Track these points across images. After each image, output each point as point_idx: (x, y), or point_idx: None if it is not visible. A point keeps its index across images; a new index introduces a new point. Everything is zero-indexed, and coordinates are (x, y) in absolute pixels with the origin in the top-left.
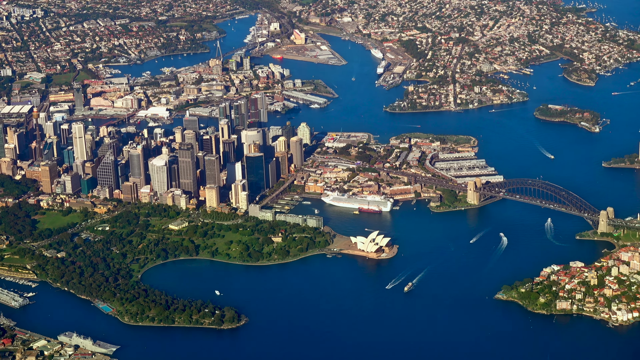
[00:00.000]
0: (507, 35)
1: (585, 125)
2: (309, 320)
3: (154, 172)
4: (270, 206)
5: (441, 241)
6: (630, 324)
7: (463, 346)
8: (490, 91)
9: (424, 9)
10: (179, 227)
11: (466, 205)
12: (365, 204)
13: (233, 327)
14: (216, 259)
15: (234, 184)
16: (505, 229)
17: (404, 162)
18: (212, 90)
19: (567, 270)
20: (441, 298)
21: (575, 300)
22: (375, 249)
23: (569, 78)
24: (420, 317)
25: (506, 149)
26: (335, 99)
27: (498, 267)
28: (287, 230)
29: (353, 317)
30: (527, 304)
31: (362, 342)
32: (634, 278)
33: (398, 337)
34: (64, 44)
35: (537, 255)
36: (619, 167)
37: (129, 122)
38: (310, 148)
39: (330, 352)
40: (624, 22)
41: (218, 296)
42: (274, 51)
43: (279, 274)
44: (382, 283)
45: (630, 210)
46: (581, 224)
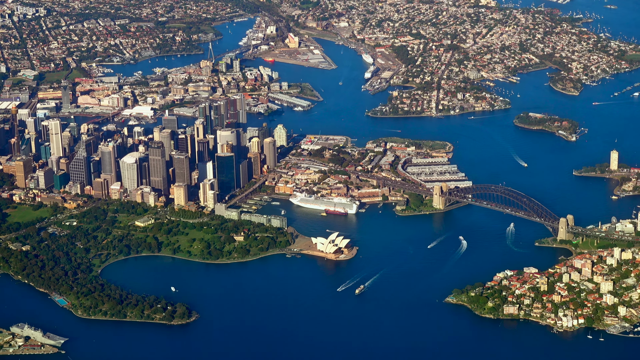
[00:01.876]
0: (499, 43)
1: (563, 134)
2: (257, 319)
3: (124, 169)
4: (238, 206)
5: (401, 244)
6: (574, 330)
7: (404, 349)
8: (473, 98)
9: (421, 15)
10: (144, 224)
11: (431, 210)
12: (331, 206)
13: (183, 323)
14: (177, 256)
15: (202, 183)
16: (467, 233)
17: (376, 165)
18: (198, 90)
19: (520, 275)
20: (391, 301)
21: (524, 305)
22: (334, 250)
23: (554, 87)
24: (367, 320)
25: (480, 156)
26: (320, 102)
27: (453, 271)
28: (250, 230)
29: (301, 318)
30: (475, 307)
31: (307, 342)
32: (584, 285)
33: (342, 338)
34: (61, 43)
35: (494, 260)
36: (589, 175)
37: (112, 120)
38: (286, 150)
39: (273, 352)
40: (618, 33)
41: (173, 292)
42: (266, 54)
43: (237, 272)
44: (336, 284)
45: (594, 218)
46: (543, 231)
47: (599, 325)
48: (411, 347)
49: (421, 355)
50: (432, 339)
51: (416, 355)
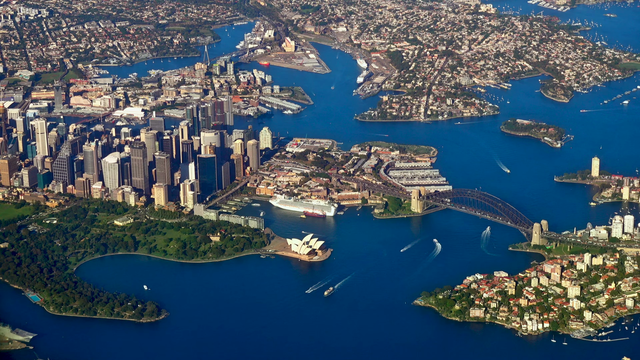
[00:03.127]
0: (493, 50)
1: (548, 140)
2: (225, 318)
3: (106, 169)
4: (218, 207)
5: (376, 247)
6: (539, 334)
7: (368, 350)
8: (462, 104)
9: (419, 21)
10: (123, 223)
11: (409, 213)
12: (310, 208)
13: (152, 321)
14: (153, 255)
15: (183, 184)
16: (443, 237)
17: (358, 169)
18: (190, 93)
19: (490, 279)
20: (359, 303)
21: (490, 308)
22: (307, 251)
23: (544, 94)
24: (334, 321)
25: (464, 161)
26: (310, 106)
27: (425, 274)
28: (227, 230)
29: (268, 319)
30: (442, 310)
31: (271, 343)
32: (552, 289)
33: (307, 339)
34: (60, 44)
35: (466, 263)
36: (570, 182)
37: (103, 121)
38: (270, 152)
39: (238, 352)
40: (615, 41)
41: (145, 291)
42: (262, 58)
43: (211, 272)
44: (307, 286)
45: (571, 224)
46: (518, 236)
47: (564, 330)
48: (375, 349)
49: (385, 357)
50: (397, 340)
51: (379, 356)
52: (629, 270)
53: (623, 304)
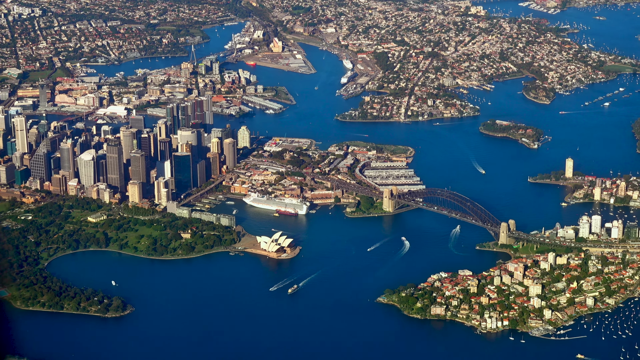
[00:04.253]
0: (479, 52)
1: (525, 141)
2: (188, 315)
3: (82, 166)
4: (192, 204)
5: (345, 245)
6: (498, 332)
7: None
8: (443, 105)
9: (408, 23)
10: (96, 219)
11: (381, 212)
12: (282, 206)
13: (117, 316)
14: (124, 251)
15: (157, 181)
16: (412, 236)
17: (334, 168)
18: (174, 92)
19: (454, 278)
20: (322, 300)
21: (451, 306)
22: (276, 249)
23: (527, 96)
24: (295, 319)
25: (440, 161)
26: (292, 106)
27: (391, 272)
28: (199, 228)
29: (231, 316)
30: (404, 308)
31: (232, 340)
32: (514, 288)
33: (268, 337)
34: (50, 43)
35: (433, 262)
36: (544, 183)
37: (86, 119)
38: (248, 151)
39: (198, 348)
40: (602, 44)
41: (113, 286)
42: (249, 58)
43: (179, 268)
44: (273, 283)
45: (541, 224)
46: (486, 235)
47: (523, 328)
48: (334, 346)
49: (344, 354)
50: (357, 337)
51: (339, 353)
52: (592, 269)
53: (584, 302)
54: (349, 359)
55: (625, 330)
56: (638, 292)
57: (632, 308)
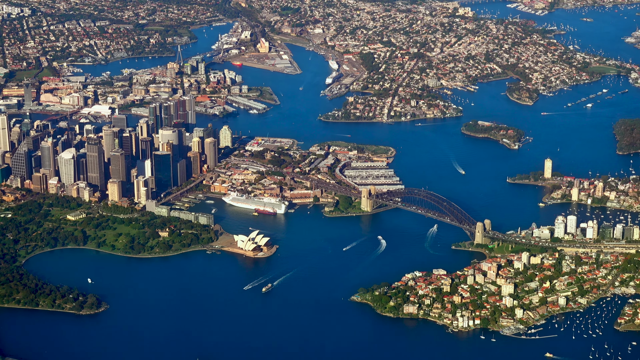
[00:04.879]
0: (465, 53)
1: (506, 142)
2: (162, 312)
3: (62, 164)
4: (172, 203)
5: (322, 244)
6: (470, 331)
7: (301, 346)
8: (426, 105)
9: (395, 24)
10: (75, 217)
11: (359, 212)
12: (261, 206)
13: (91, 313)
14: (101, 249)
15: (136, 180)
16: (389, 235)
17: (314, 168)
18: (159, 92)
19: (428, 277)
20: (296, 299)
21: (424, 305)
22: (252, 247)
23: (510, 97)
24: (269, 317)
25: (421, 162)
26: (276, 106)
27: (366, 271)
28: (177, 226)
29: (204, 314)
30: (377, 306)
31: (204, 338)
32: (487, 287)
33: (240, 334)
34: (37, 42)
35: (408, 261)
36: (522, 183)
37: (70, 118)
38: (229, 150)
39: (169, 346)
40: (588, 45)
41: (89, 284)
42: (235, 58)
43: (156, 266)
44: (249, 282)
45: (517, 224)
46: (463, 235)
47: (494, 327)
48: (306, 344)
49: (315, 352)
50: (329, 336)
51: (310, 352)
52: (565, 269)
53: (556, 302)
54: (320, 357)
55: (596, 330)
56: (611, 292)
57: (603, 308)
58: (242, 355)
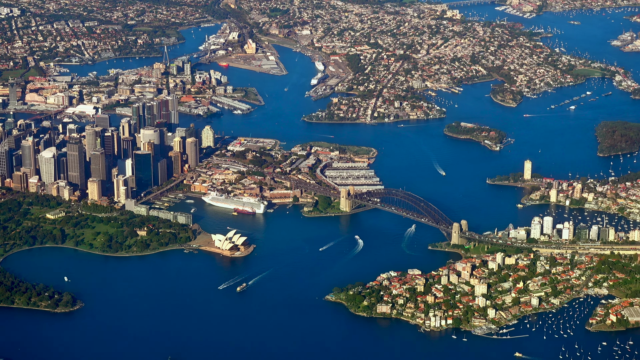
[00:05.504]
0: (450, 55)
1: (488, 143)
2: (137, 311)
3: (42, 163)
4: (151, 202)
5: (299, 244)
6: (442, 330)
7: (273, 345)
8: (409, 107)
9: (383, 25)
10: (55, 216)
11: (338, 212)
12: (240, 205)
13: (66, 311)
14: (79, 248)
15: (116, 179)
16: (367, 235)
17: (295, 168)
18: (144, 92)
19: (403, 277)
20: (271, 298)
21: (397, 305)
22: (229, 247)
23: (494, 98)
24: (242, 316)
25: (402, 163)
26: (260, 107)
27: (342, 270)
28: (155, 225)
29: (179, 313)
30: (351, 306)
31: (178, 337)
32: (460, 287)
33: (214, 333)
34: (25, 42)
35: (384, 261)
36: (502, 184)
37: (55, 118)
38: (211, 150)
39: (142, 344)
40: (574, 48)
41: (65, 282)
42: (222, 59)
43: (133, 265)
44: (224, 281)
45: (495, 225)
46: (440, 235)
47: (466, 327)
48: (279, 343)
49: (288, 351)
50: (302, 335)
51: (282, 350)
52: (540, 270)
53: (529, 302)
54: (292, 356)
55: (567, 330)
56: (584, 292)
57: (576, 308)
58: (214, 353)
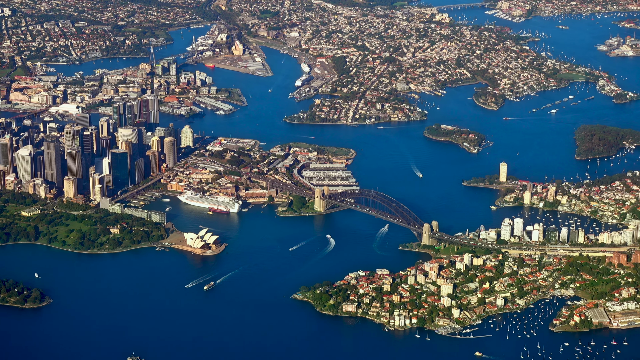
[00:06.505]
0: (436, 58)
1: (467, 145)
2: (104, 307)
3: (19, 161)
4: (127, 201)
5: (271, 243)
6: (406, 329)
7: (238, 343)
8: (391, 109)
9: (371, 28)
10: (29, 213)
11: (312, 212)
12: (215, 204)
13: (34, 307)
14: (52, 245)
15: (92, 177)
16: (339, 235)
17: (272, 168)
18: (128, 92)
19: (371, 276)
20: (238, 297)
21: (363, 304)
22: (200, 245)
23: (476, 101)
24: (208, 315)
25: (380, 164)
26: (243, 107)
27: (311, 270)
28: (129, 223)
29: (144, 311)
30: (317, 304)
31: (142, 335)
32: (427, 287)
33: (179, 332)
34: (14, 42)
35: (354, 261)
36: (477, 186)
37: (38, 116)
38: (190, 150)
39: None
40: (560, 52)
41: (36, 278)
42: (209, 60)
43: (104, 262)
44: (193, 279)
45: (467, 226)
46: (411, 236)
47: (431, 326)
48: (245, 341)
49: (252, 349)
50: (267, 332)
51: (246, 348)
52: (507, 271)
53: (494, 303)
54: (256, 354)
55: (531, 331)
56: (550, 293)
57: (541, 309)
58: (177, 351)
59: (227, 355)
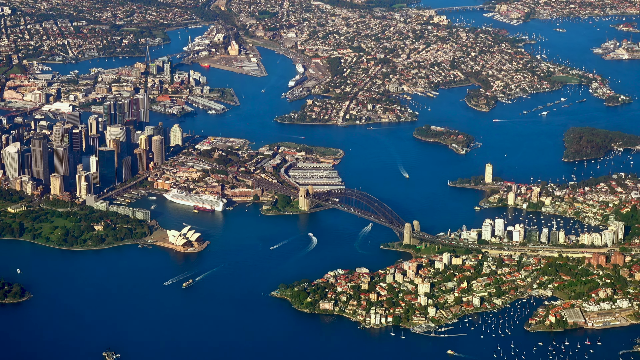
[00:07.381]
0: (431, 59)
1: (455, 147)
2: (83, 303)
3: (7, 158)
4: (113, 198)
5: (254, 241)
6: (382, 328)
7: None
8: (382, 109)
9: (368, 30)
10: (15, 210)
11: (296, 211)
12: (200, 202)
13: (14, 302)
14: (36, 241)
15: (78, 175)
16: (322, 234)
17: (259, 167)
18: (121, 90)
19: (350, 275)
20: (217, 294)
21: (340, 302)
22: (183, 242)
23: (468, 103)
24: (183, 312)
25: (367, 164)
26: (235, 107)
27: (292, 267)
28: (113, 220)
29: (122, 308)
30: (295, 302)
31: (122, 331)
32: (404, 286)
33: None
34: (11, 41)
35: (334, 259)
36: (463, 187)
37: (30, 114)
38: (179, 149)
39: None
40: (555, 55)
41: (18, 274)
42: (204, 60)
43: (87, 259)
44: (174, 276)
45: (450, 226)
46: (394, 235)
47: (406, 324)
48: (222, 338)
49: (231, 346)
50: (244, 329)
51: (226, 346)
52: (486, 270)
53: (471, 302)
54: (232, 351)
55: (506, 330)
56: (528, 293)
57: (517, 308)
58: (153, 347)
59: (202, 352)
